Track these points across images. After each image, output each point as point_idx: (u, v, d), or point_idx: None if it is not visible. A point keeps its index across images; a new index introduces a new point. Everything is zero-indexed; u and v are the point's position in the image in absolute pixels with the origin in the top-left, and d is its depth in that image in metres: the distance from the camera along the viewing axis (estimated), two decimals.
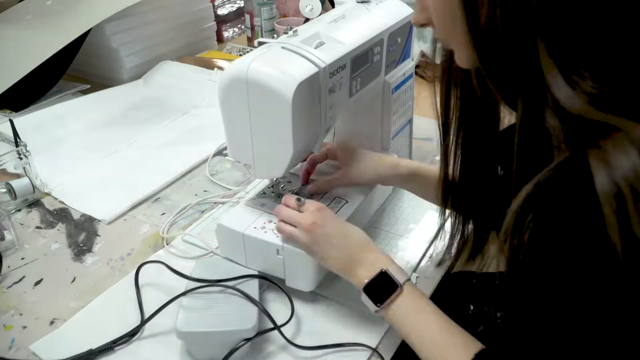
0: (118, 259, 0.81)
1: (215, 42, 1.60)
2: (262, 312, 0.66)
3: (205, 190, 0.97)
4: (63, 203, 0.93)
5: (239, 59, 0.65)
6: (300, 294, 0.73)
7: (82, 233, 0.87)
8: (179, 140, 1.13)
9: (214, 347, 0.63)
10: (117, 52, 1.31)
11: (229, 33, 1.73)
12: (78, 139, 1.13)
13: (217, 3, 1.75)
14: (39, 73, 1.11)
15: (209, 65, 1.35)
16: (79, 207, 0.92)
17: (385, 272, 0.61)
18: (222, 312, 0.65)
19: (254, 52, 0.66)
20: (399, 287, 0.60)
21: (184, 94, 1.28)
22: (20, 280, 0.78)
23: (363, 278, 0.62)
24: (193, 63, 1.36)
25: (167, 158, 1.06)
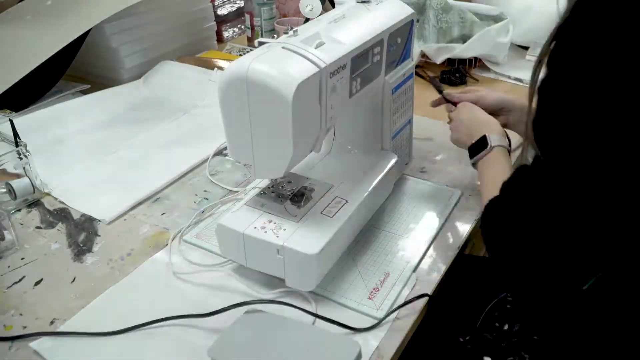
0: (118, 259, 0.81)
1: (215, 42, 1.60)
2: None
3: (205, 190, 0.97)
4: (63, 203, 0.93)
5: (239, 59, 0.65)
6: (300, 294, 0.73)
7: (82, 233, 0.87)
8: (179, 140, 1.13)
9: None
10: (117, 52, 1.31)
11: (229, 33, 1.73)
12: (78, 139, 1.12)
13: (217, 3, 1.75)
14: (39, 73, 1.11)
15: (209, 65, 1.35)
16: (79, 207, 0.92)
17: (486, 136, 0.81)
18: None
19: (254, 52, 0.66)
20: (489, 147, 0.79)
21: (184, 94, 1.28)
22: (20, 280, 0.78)
23: (470, 142, 0.84)
24: (193, 63, 1.36)
25: (167, 158, 1.06)
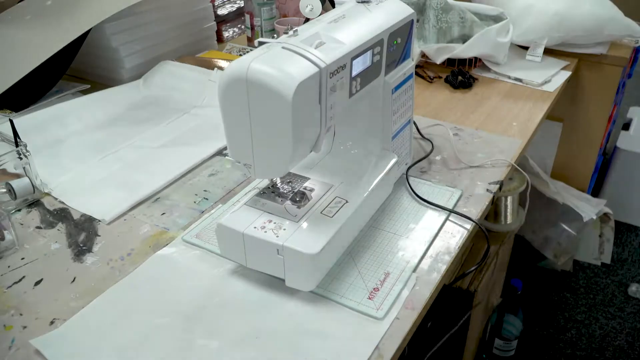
0: (118, 259, 0.81)
1: (215, 42, 1.60)
2: None
3: (205, 190, 0.97)
4: (63, 203, 0.93)
5: (239, 59, 0.65)
6: (300, 294, 0.73)
7: (82, 233, 0.87)
8: (179, 140, 1.13)
9: None
10: (117, 52, 1.31)
11: (229, 33, 1.73)
12: (78, 139, 1.12)
13: (217, 3, 1.75)
14: (39, 73, 1.11)
15: (209, 65, 1.35)
16: (79, 207, 0.93)
17: None
18: None
19: (254, 52, 0.66)
20: None
21: (184, 94, 1.28)
22: (20, 280, 0.78)
23: None
24: (193, 63, 1.36)
25: (167, 158, 1.06)
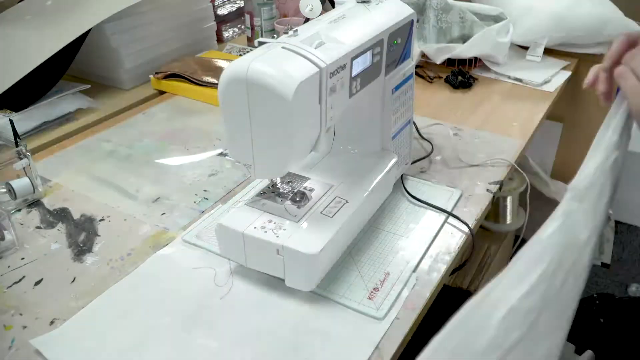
0: (118, 259, 0.81)
1: (215, 42, 1.59)
2: None
3: (205, 190, 0.97)
4: (63, 203, 0.93)
5: (239, 59, 0.65)
6: (300, 294, 0.73)
7: (82, 233, 0.87)
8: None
9: None
10: (117, 52, 1.31)
11: (229, 33, 1.73)
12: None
13: (217, 3, 1.75)
14: (39, 73, 1.11)
15: (209, 66, 1.35)
16: (79, 207, 0.93)
17: None
18: None
19: (254, 51, 0.66)
20: None
21: None
22: (20, 280, 0.78)
23: None
24: (193, 63, 1.36)
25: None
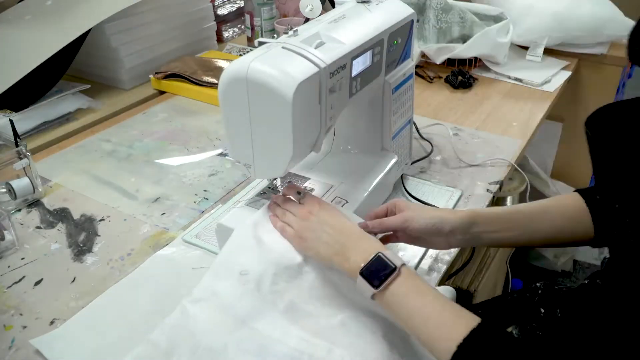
0: (118, 259, 0.81)
1: (215, 42, 1.60)
2: None
3: (205, 190, 0.97)
4: (63, 203, 0.93)
5: (239, 59, 0.65)
6: None
7: (82, 233, 0.87)
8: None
9: None
10: (117, 52, 1.31)
11: (229, 33, 1.73)
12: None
13: (217, 3, 1.75)
14: (39, 73, 1.11)
15: (209, 66, 1.35)
16: (79, 207, 0.92)
17: (381, 256, 0.60)
18: None
19: (254, 51, 0.66)
20: (396, 269, 0.59)
21: None
22: (20, 280, 0.78)
23: (358, 262, 0.61)
24: (193, 63, 1.36)
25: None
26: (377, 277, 0.59)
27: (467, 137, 1.12)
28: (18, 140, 0.92)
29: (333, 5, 1.38)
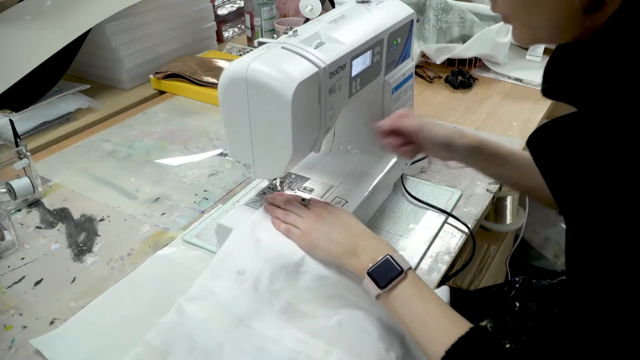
0: (118, 259, 0.81)
1: (215, 42, 1.60)
2: None
3: (205, 190, 0.97)
4: (63, 203, 0.93)
5: (239, 59, 0.65)
6: None
7: (82, 233, 0.87)
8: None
9: None
10: (117, 52, 1.31)
11: (229, 33, 1.73)
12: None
13: (217, 3, 1.75)
14: (39, 73, 1.11)
15: (209, 66, 1.35)
16: (79, 207, 0.93)
17: (390, 257, 0.62)
18: None
19: (254, 52, 0.66)
20: (403, 272, 0.61)
21: None
22: (20, 280, 0.78)
23: (367, 262, 0.63)
24: (193, 63, 1.36)
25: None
26: (383, 278, 0.61)
27: None
28: (18, 140, 0.92)
29: (333, 6, 1.38)
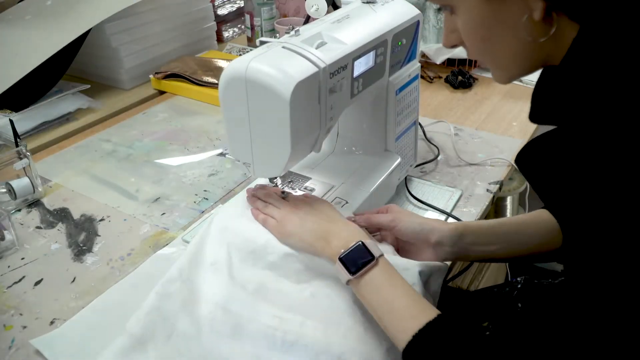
0: (118, 259, 0.81)
1: (215, 42, 1.60)
2: None
3: (205, 190, 0.97)
4: (63, 203, 0.93)
5: (239, 58, 0.64)
6: None
7: (82, 233, 0.86)
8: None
9: None
10: (117, 52, 1.31)
11: (229, 33, 1.73)
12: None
13: (217, 3, 1.74)
14: (39, 73, 1.11)
15: (209, 66, 1.35)
16: (79, 207, 0.92)
17: (362, 243, 0.62)
18: None
19: (254, 51, 0.66)
20: (374, 259, 0.61)
21: None
22: (20, 280, 0.77)
23: (339, 248, 0.63)
24: (193, 63, 1.36)
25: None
26: (354, 264, 0.61)
27: (467, 137, 1.12)
28: (18, 140, 0.92)
29: (335, 8, 1.38)
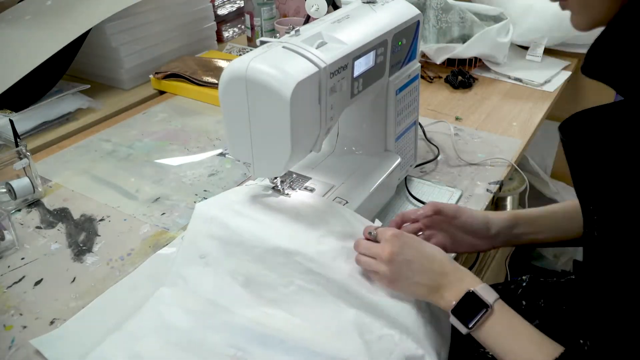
0: (118, 259, 0.81)
1: (215, 42, 1.59)
2: None
3: (205, 190, 0.97)
4: (63, 203, 0.93)
5: (240, 58, 0.64)
6: None
7: (82, 233, 0.86)
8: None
9: None
10: (117, 52, 1.31)
11: (229, 33, 1.73)
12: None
13: (217, 3, 1.75)
14: (39, 73, 1.11)
15: (209, 66, 1.35)
16: (79, 207, 0.92)
17: (473, 292, 0.60)
18: None
19: (255, 51, 0.66)
20: (489, 307, 0.59)
21: None
22: (20, 280, 0.77)
23: (451, 301, 0.60)
24: (193, 63, 1.36)
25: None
26: (469, 316, 0.59)
27: (467, 137, 1.12)
28: (18, 140, 0.92)
29: (334, 8, 1.38)
